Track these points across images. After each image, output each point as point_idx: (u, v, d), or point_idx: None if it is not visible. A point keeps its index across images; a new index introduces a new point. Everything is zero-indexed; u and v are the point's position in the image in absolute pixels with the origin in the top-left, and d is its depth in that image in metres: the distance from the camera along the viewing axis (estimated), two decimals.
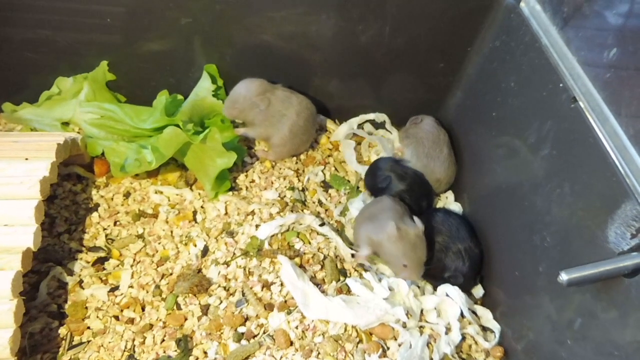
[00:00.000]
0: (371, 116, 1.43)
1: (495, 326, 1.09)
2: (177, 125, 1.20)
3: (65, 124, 1.30)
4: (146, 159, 1.17)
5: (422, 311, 1.07)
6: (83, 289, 1.05)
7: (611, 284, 0.78)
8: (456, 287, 1.10)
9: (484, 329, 1.10)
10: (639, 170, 0.78)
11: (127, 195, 1.22)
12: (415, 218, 1.08)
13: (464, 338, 1.05)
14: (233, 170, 1.26)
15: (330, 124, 1.45)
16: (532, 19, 1.09)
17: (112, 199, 1.21)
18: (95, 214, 1.17)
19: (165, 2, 1.18)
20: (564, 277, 0.78)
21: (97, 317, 1.01)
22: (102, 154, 1.24)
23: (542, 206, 0.99)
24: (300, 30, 1.25)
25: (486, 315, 1.12)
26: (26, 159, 1.02)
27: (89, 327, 1.00)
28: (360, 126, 1.45)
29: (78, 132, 1.26)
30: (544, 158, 1.00)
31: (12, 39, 1.23)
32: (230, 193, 1.22)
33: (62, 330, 0.99)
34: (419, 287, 1.13)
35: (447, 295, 1.09)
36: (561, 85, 0.96)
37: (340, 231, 1.19)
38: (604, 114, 0.86)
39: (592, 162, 0.86)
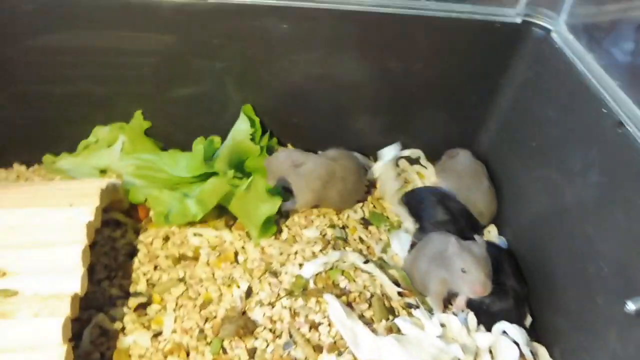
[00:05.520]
0: (406, 152, 1.43)
1: None
2: (216, 174, 1.21)
3: (103, 171, 1.31)
4: (190, 211, 1.17)
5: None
6: (125, 335, 1.03)
7: None
8: (515, 325, 1.04)
9: None
10: None
11: (166, 239, 1.21)
12: (476, 236, 1.04)
13: None
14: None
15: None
16: (566, 47, 1.10)
17: (151, 243, 1.20)
18: (135, 259, 1.16)
19: (196, 50, 1.21)
20: (631, 306, 0.75)
21: None
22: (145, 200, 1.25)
23: (594, 234, 0.96)
24: (325, 72, 1.27)
25: (543, 353, 1.06)
26: (70, 204, 1.03)
27: None
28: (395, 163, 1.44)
29: (117, 179, 1.27)
30: (592, 185, 0.98)
31: (53, 94, 1.25)
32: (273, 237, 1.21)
33: None
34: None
35: (504, 333, 1.04)
36: (605, 110, 0.95)
37: (383, 268, 1.16)
38: None
39: None
